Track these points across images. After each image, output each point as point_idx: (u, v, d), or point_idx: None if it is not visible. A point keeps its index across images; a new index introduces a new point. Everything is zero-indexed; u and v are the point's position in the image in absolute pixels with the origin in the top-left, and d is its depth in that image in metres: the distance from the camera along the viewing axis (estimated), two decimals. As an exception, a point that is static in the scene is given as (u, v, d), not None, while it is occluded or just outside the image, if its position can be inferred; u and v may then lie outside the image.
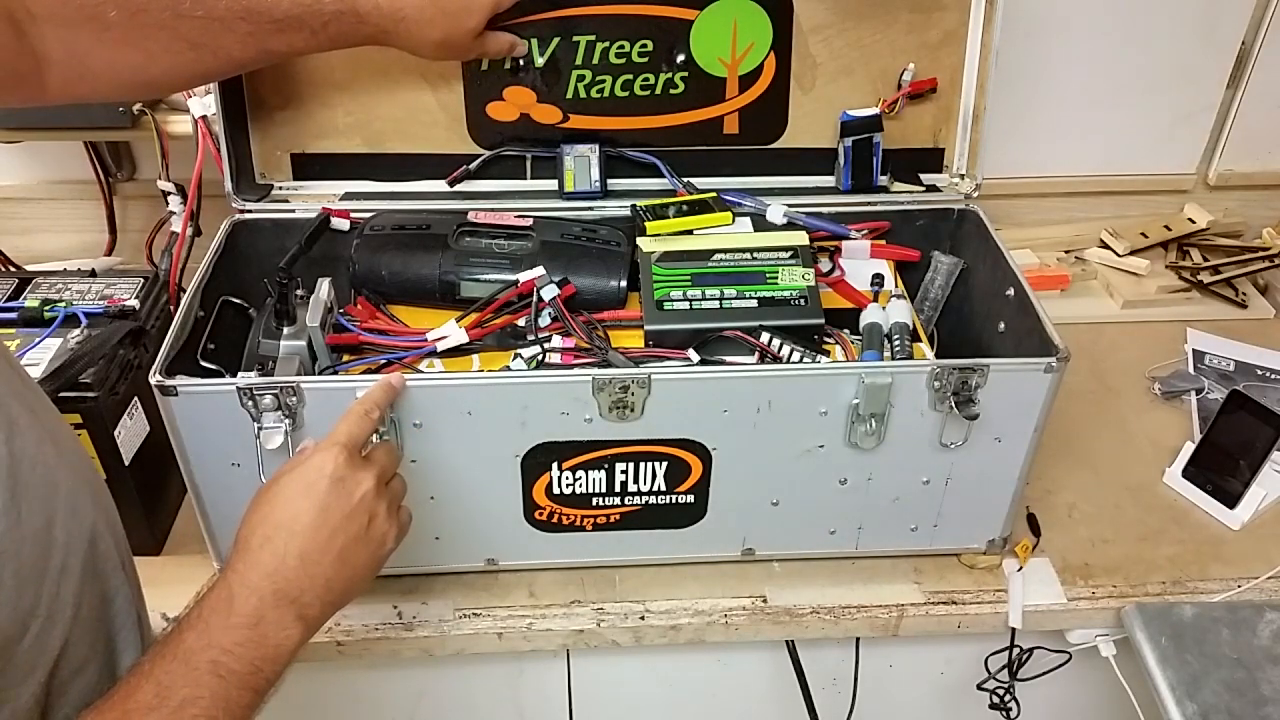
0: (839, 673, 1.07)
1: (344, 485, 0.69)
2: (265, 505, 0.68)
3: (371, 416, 0.75)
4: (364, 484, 0.70)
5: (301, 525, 0.67)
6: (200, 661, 0.60)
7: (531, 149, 1.10)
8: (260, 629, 0.63)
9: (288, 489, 0.69)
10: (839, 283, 1.05)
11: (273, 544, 0.66)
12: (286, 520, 0.67)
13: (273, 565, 0.65)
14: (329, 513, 0.68)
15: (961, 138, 1.12)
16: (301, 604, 0.65)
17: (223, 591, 0.63)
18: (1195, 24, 1.29)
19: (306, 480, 0.69)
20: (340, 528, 0.68)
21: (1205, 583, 1.00)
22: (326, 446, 0.71)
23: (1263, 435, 1.02)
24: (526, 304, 0.96)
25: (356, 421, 0.74)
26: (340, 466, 0.69)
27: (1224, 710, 0.88)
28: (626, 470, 0.91)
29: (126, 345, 0.96)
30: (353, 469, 0.70)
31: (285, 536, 0.66)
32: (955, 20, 1.07)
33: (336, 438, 0.72)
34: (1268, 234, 1.43)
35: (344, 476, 0.69)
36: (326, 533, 0.67)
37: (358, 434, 0.73)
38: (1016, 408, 0.89)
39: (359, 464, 0.71)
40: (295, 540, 0.66)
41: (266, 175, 1.10)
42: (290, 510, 0.67)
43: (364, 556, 0.70)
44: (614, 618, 0.96)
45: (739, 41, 1.07)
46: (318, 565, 0.67)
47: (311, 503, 0.68)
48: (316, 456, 0.70)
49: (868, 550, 0.99)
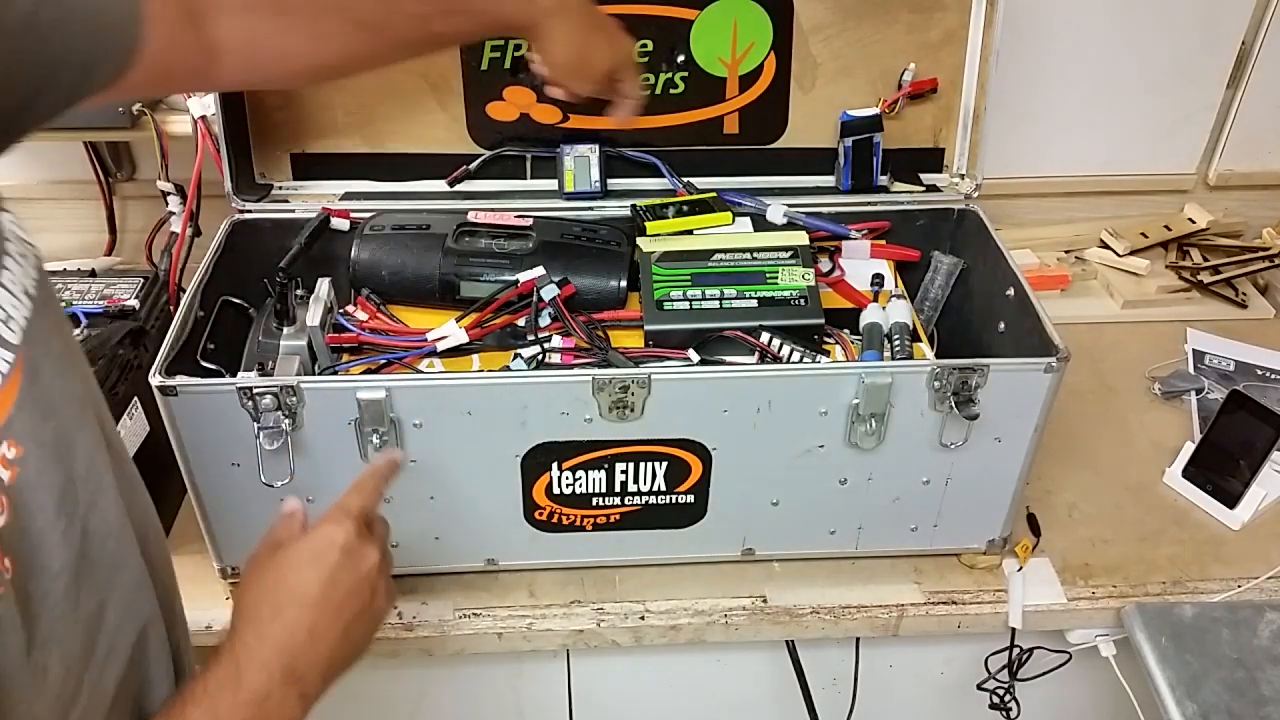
0: (839, 673, 1.07)
1: (353, 558, 0.67)
2: (273, 573, 0.66)
3: (381, 490, 0.73)
4: (370, 557, 0.68)
5: (311, 597, 0.64)
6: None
7: (531, 149, 1.10)
8: (265, 708, 0.60)
9: (297, 558, 0.66)
10: (839, 283, 1.05)
11: (283, 616, 0.63)
12: (297, 590, 0.64)
13: (283, 639, 0.62)
14: (337, 585, 0.65)
15: (962, 138, 1.12)
16: (305, 682, 0.63)
17: (229, 666, 0.60)
18: (1195, 24, 1.29)
19: (316, 550, 0.66)
20: (346, 602, 0.66)
21: (1205, 583, 1.00)
22: (338, 517, 0.68)
23: (1263, 435, 1.02)
24: (526, 304, 0.96)
25: (369, 494, 0.72)
26: (351, 538, 0.67)
27: (1224, 710, 0.88)
28: (626, 470, 0.90)
29: (126, 345, 0.96)
30: (361, 541, 0.68)
31: (296, 608, 0.64)
32: (956, 20, 1.07)
33: (348, 509, 0.69)
34: (1268, 234, 1.43)
35: (353, 549, 0.67)
36: (334, 607, 0.65)
37: (369, 506, 0.71)
38: (1016, 408, 0.89)
39: (366, 538, 0.68)
40: (306, 613, 0.64)
41: (266, 175, 1.10)
42: (300, 580, 0.65)
43: (364, 631, 0.68)
44: (614, 618, 0.96)
45: (739, 41, 1.07)
46: (324, 641, 0.64)
47: (320, 574, 0.65)
48: (327, 526, 0.67)
49: (868, 550, 0.99)
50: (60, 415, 0.55)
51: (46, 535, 0.52)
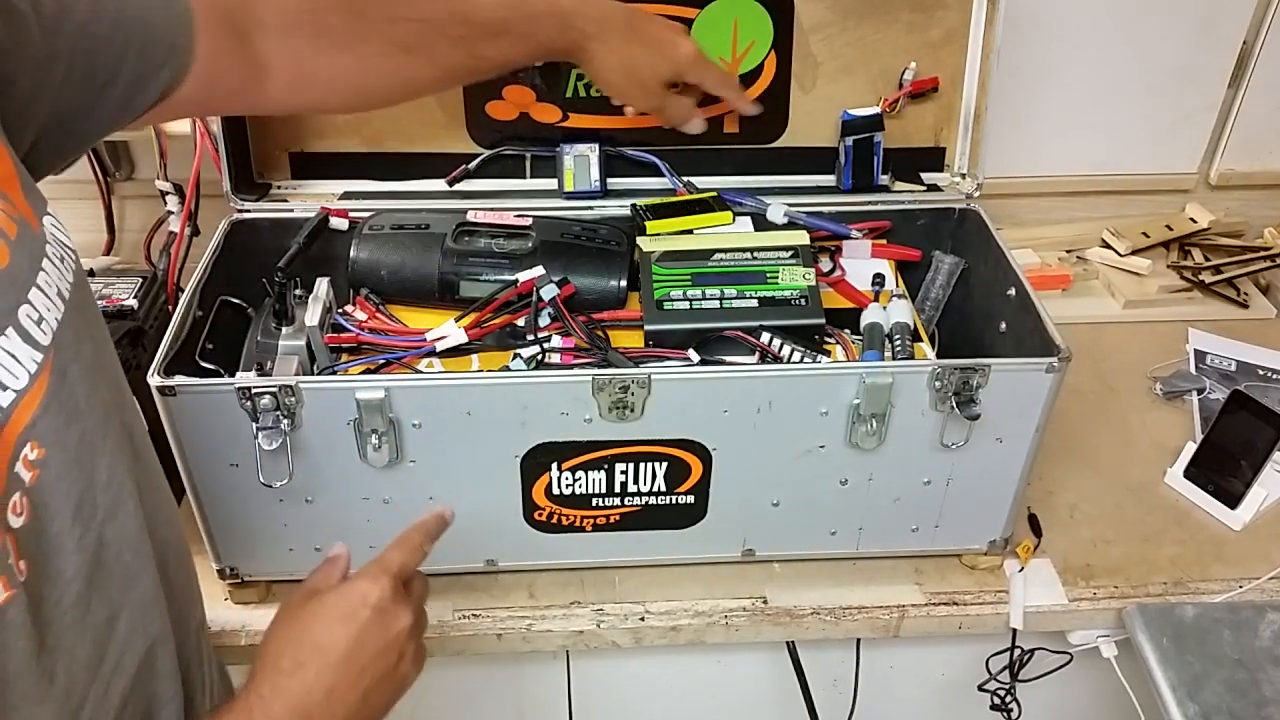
0: (839, 674, 1.07)
1: (384, 619, 0.65)
2: (301, 623, 0.64)
3: (425, 548, 0.71)
4: (402, 620, 0.66)
5: (336, 656, 0.63)
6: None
7: (531, 148, 1.10)
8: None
9: (327, 612, 0.65)
10: (839, 282, 1.04)
11: (303, 672, 0.62)
12: (323, 646, 0.63)
13: (299, 696, 0.61)
14: (364, 647, 0.64)
15: (963, 137, 1.12)
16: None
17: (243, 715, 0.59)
18: (1196, 24, 1.29)
19: (348, 606, 0.65)
20: (370, 665, 0.64)
21: (1206, 583, 1.00)
22: (376, 574, 0.66)
23: (1264, 435, 1.02)
24: (526, 304, 0.96)
25: (411, 552, 0.70)
26: (385, 598, 0.65)
27: (1225, 711, 0.88)
28: (626, 471, 0.90)
29: (125, 345, 0.96)
30: (395, 603, 0.66)
31: (318, 666, 0.62)
32: (957, 19, 1.07)
33: (388, 566, 0.67)
34: (1269, 234, 1.43)
35: (386, 610, 0.65)
36: (357, 669, 0.63)
37: (409, 565, 0.69)
38: (1018, 408, 0.89)
39: (401, 598, 0.67)
40: (327, 672, 0.62)
41: (265, 175, 1.09)
42: (327, 636, 0.63)
43: (384, 697, 0.66)
44: (614, 618, 0.96)
45: (739, 40, 1.06)
46: (341, 704, 0.63)
47: (349, 632, 0.64)
48: (363, 583, 0.66)
49: (868, 551, 0.99)
50: (85, 421, 0.54)
51: (63, 540, 0.52)
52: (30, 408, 0.50)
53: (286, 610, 0.66)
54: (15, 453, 0.49)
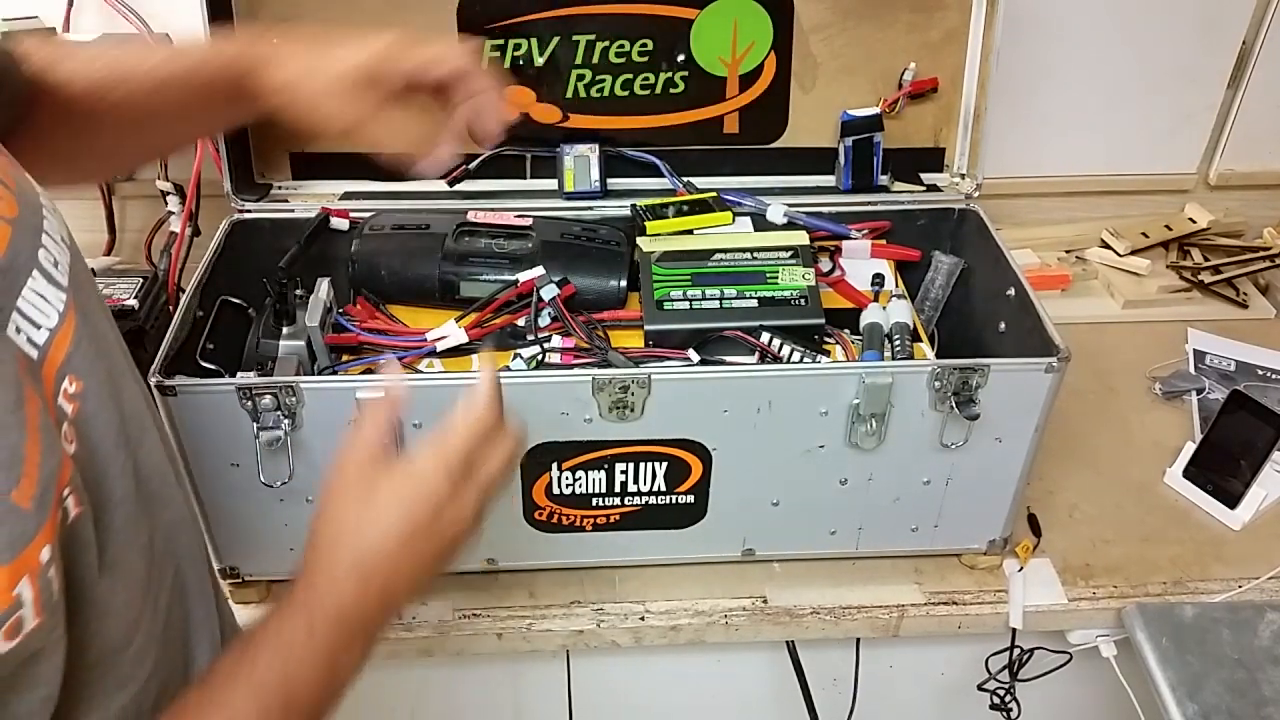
0: (839, 673, 1.07)
1: (440, 520, 0.61)
2: (353, 516, 0.61)
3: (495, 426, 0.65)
4: (464, 513, 0.62)
5: (387, 554, 0.60)
6: (272, 691, 0.57)
7: (531, 148, 1.10)
8: (335, 663, 0.59)
9: (382, 508, 0.61)
10: (839, 282, 1.05)
11: (358, 572, 0.60)
12: (375, 546, 0.60)
13: (354, 597, 0.59)
14: (416, 542, 0.61)
15: (962, 137, 1.12)
16: (374, 636, 0.62)
17: (303, 617, 0.59)
18: (1195, 24, 1.29)
19: (405, 507, 0.61)
20: (424, 555, 0.62)
21: (1206, 583, 1.00)
22: (437, 472, 0.61)
23: (1263, 435, 1.02)
24: (526, 304, 0.96)
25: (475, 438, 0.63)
26: (442, 501, 0.61)
27: (1225, 711, 0.88)
28: (626, 470, 0.90)
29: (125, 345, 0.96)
30: (455, 501, 0.62)
31: (370, 565, 0.60)
32: (956, 20, 1.07)
33: (450, 462, 0.62)
34: (1268, 234, 1.43)
35: (442, 512, 0.61)
36: (410, 561, 0.61)
37: (473, 454, 0.63)
38: (1017, 408, 0.89)
39: (462, 493, 0.62)
40: (381, 571, 0.60)
41: (265, 175, 1.09)
42: (378, 535, 0.60)
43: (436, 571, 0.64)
44: (614, 618, 0.96)
45: (739, 41, 1.06)
46: (395, 597, 0.61)
47: (403, 532, 0.60)
48: (424, 481, 0.61)
49: (868, 550, 0.99)
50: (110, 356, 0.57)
51: (109, 466, 0.54)
52: (64, 344, 0.52)
53: (340, 486, 0.62)
54: (57, 386, 0.51)
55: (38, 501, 0.46)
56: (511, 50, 1.05)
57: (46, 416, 0.48)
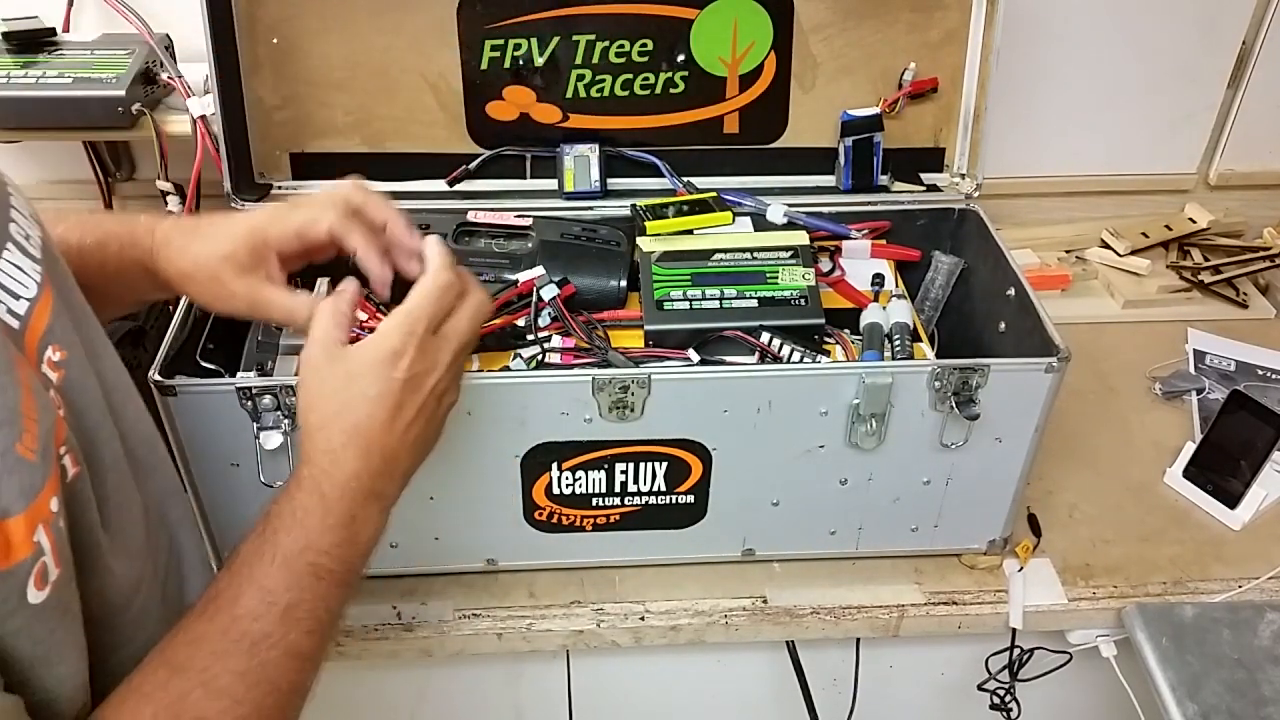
0: (839, 673, 1.07)
1: (420, 378, 0.66)
2: (339, 395, 0.64)
3: (455, 289, 0.69)
4: (435, 372, 0.66)
5: (380, 422, 0.64)
6: (299, 565, 0.59)
7: (531, 149, 1.10)
8: (353, 528, 0.62)
9: (363, 379, 0.64)
10: (839, 282, 1.05)
11: (356, 443, 0.64)
12: (365, 416, 0.64)
13: (358, 465, 0.63)
14: (405, 407, 0.65)
15: (962, 137, 1.12)
16: (386, 496, 0.65)
17: (313, 493, 0.62)
18: (1195, 24, 1.29)
19: (382, 373, 0.64)
20: (414, 420, 0.66)
21: (1206, 583, 1.00)
22: (404, 332, 0.65)
23: (1263, 435, 1.02)
24: (526, 304, 0.96)
25: (437, 300, 0.67)
26: (415, 359, 0.65)
27: (1225, 711, 0.88)
28: (626, 470, 0.90)
29: (126, 345, 0.96)
30: (427, 356, 0.66)
31: (366, 433, 0.64)
32: (956, 20, 1.07)
33: (415, 322, 0.66)
34: (1268, 234, 1.43)
35: (419, 370, 0.65)
36: (403, 426, 0.65)
37: (437, 314, 0.67)
38: (1017, 408, 0.89)
39: (432, 350, 0.66)
40: (376, 440, 0.64)
41: (266, 175, 1.09)
42: (367, 406, 0.64)
43: (432, 434, 0.69)
44: (614, 618, 0.96)
45: (739, 41, 1.06)
46: (397, 459, 0.65)
47: (390, 399, 0.64)
48: (394, 342, 0.65)
49: (868, 550, 0.99)
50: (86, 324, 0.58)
51: (98, 432, 0.56)
52: (44, 314, 0.53)
53: (316, 372, 0.65)
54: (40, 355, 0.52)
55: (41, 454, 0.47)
56: (511, 50, 1.05)
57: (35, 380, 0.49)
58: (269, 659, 0.56)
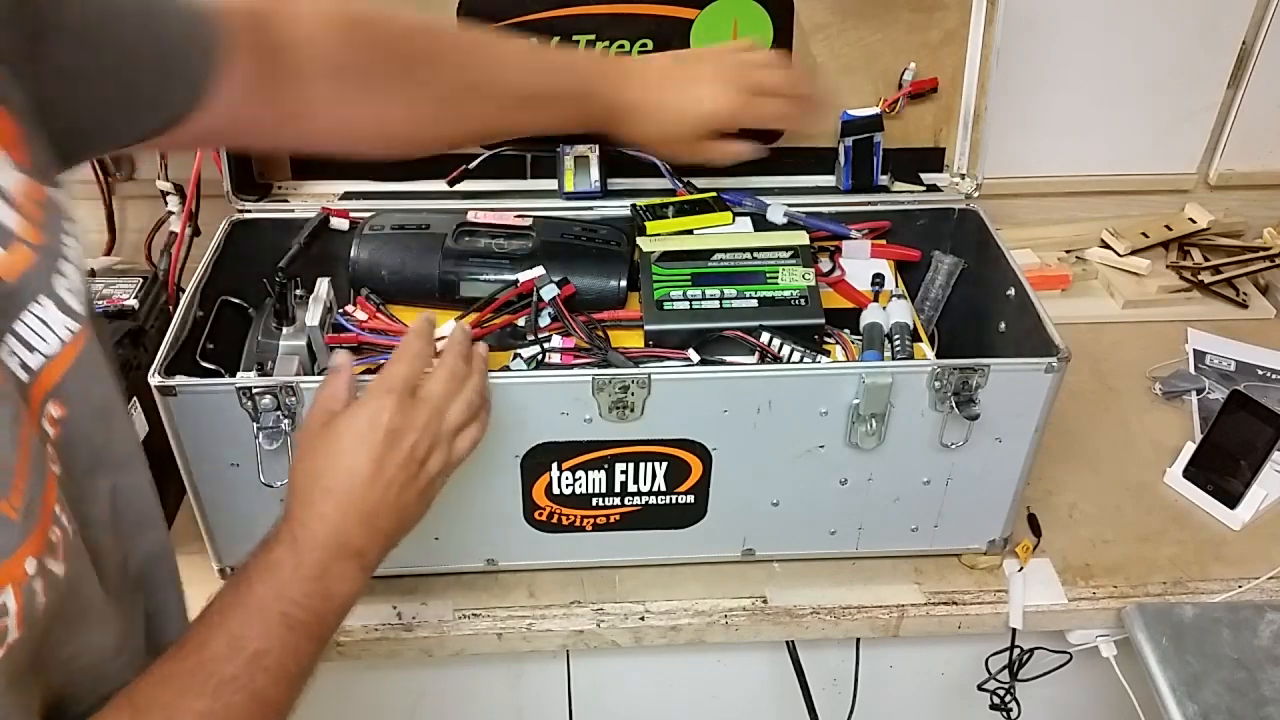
0: (839, 673, 1.07)
1: (397, 437, 0.69)
2: (322, 454, 0.68)
3: (426, 353, 0.74)
4: (414, 432, 0.70)
5: (360, 480, 0.67)
6: (271, 613, 0.60)
7: (531, 148, 1.10)
8: (325, 581, 0.63)
9: (342, 440, 0.68)
10: (839, 282, 1.05)
11: (334, 498, 0.66)
12: (344, 474, 0.67)
13: (335, 520, 0.65)
14: (384, 466, 0.68)
15: (962, 137, 1.12)
16: (364, 555, 0.67)
17: (288, 544, 0.64)
18: (1195, 24, 1.29)
19: (359, 432, 0.69)
20: (395, 479, 0.68)
21: (1206, 583, 1.00)
22: (380, 394, 0.70)
23: (1263, 435, 1.02)
24: (526, 304, 0.96)
25: (411, 361, 0.73)
26: (393, 417, 0.69)
27: (1225, 711, 0.88)
28: (626, 470, 0.90)
29: (125, 345, 0.96)
30: (405, 416, 0.70)
31: (345, 490, 0.67)
32: (956, 20, 1.07)
33: (391, 383, 0.71)
34: (1268, 234, 1.43)
35: (397, 428, 0.69)
36: (383, 485, 0.68)
37: (410, 376, 0.72)
38: (1017, 408, 0.89)
39: (410, 410, 0.70)
40: (355, 496, 0.67)
41: (265, 175, 1.09)
42: (346, 463, 0.68)
43: (416, 499, 0.71)
44: (614, 618, 0.96)
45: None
46: (376, 517, 0.67)
47: (367, 457, 0.68)
48: (371, 404, 0.70)
49: (868, 550, 0.99)
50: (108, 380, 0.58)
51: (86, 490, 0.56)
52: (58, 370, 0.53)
53: (308, 438, 0.70)
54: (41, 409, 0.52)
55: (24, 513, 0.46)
56: (511, 50, 1.05)
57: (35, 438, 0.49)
58: (233, 702, 0.57)
